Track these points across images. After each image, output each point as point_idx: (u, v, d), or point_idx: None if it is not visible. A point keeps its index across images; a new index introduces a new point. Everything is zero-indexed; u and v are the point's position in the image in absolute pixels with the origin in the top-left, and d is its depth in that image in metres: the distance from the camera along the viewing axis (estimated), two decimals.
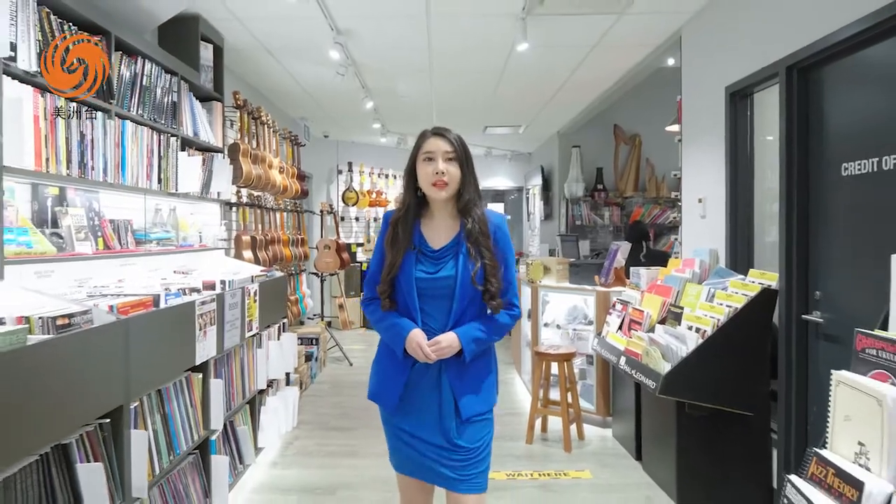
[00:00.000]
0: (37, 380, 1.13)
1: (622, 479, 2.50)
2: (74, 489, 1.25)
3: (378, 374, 1.40)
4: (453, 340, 1.29)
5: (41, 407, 1.14)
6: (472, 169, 1.36)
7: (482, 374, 1.36)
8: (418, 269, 1.32)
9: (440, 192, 1.32)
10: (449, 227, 1.37)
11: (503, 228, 1.38)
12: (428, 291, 1.32)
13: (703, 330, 2.21)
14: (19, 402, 1.08)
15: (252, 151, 3.27)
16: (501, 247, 1.35)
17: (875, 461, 1.05)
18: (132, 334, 1.46)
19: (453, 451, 1.31)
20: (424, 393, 1.34)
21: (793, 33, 2.02)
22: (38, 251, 1.62)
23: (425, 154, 1.33)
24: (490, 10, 2.74)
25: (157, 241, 2.33)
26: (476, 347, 1.32)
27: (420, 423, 1.34)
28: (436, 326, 1.32)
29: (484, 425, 1.37)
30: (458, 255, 1.32)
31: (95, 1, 1.87)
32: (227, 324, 2.09)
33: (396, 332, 1.32)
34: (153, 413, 1.62)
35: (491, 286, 1.29)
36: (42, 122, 1.57)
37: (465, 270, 1.30)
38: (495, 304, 1.31)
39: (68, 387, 1.23)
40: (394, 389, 1.34)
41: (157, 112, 2.24)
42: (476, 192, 1.37)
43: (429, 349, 1.28)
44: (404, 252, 1.32)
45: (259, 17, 2.83)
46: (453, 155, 1.33)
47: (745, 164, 2.48)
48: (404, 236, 1.33)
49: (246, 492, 2.32)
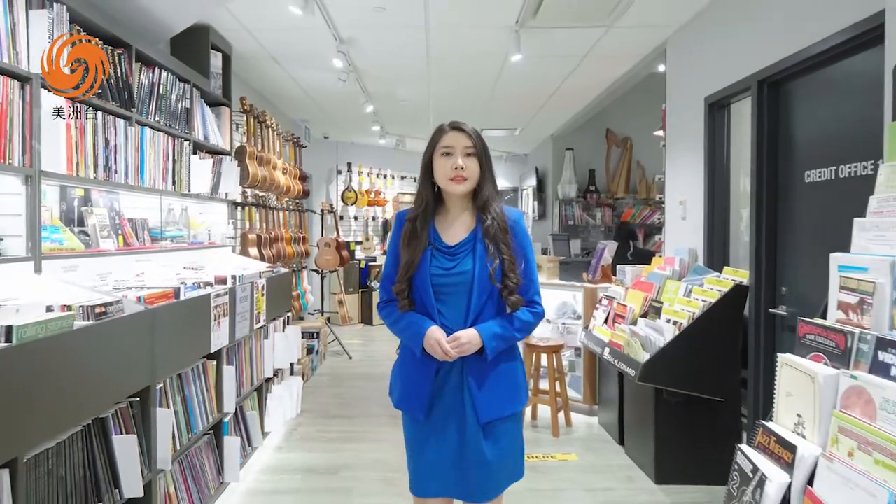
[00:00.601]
0: (81, 360, 1.29)
1: (605, 462, 2.67)
2: (111, 458, 1.41)
3: (403, 381, 1.33)
4: (473, 336, 1.24)
5: (84, 384, 1.30)
6: (490, 164, 1.32)
7: (507, 375, 1.30)
8: (434, 265, 1.28)
9: (459, 186, 1.27)
10: (465, 222, 1.32)
11: (521, 223, 1.34)
12: (444, 288, 1.28)
13: (679, 323, 2.39)
14: (67, 378, 1.24)
15: (258, 154, 3.43)
16: (520, 242, 1.31)
17: (809, 430, 1.23)
18: (157, 323, 1.61)
19: (479, 465, 1.26)
20: (448, 398, 1.28)
21: (764, 50, 2.20)
22: (68, 247, 1.78)
23: (443, 148, 1.29)
24: (485, 22, 2.91)
25: (171, 238, 2.48)
26: (497, 344, 1.26)
27: (444, 433, 1.27)
28: (454, 325, 1.27)
29: (509, 430, 1.30)
30: (474, 249, 1.28)
31: (117, 15, 2.02)
32: (238, 315, 2.25)
33: (414, 331, 1.27)
34: (174, 395, 1.78)
35: (510, 281, 1.25)
36: (73, 130, 1.72)
37: (483, 265, 1.25)
38: (514, 299, 1.26)
39: (105, 367, 1.39)
40: (422, 395, 1.28)
41: (171, 118, 2.39)
42: (494, 187, 1.32)
43: (448, 346, 1.23)
44: (423, 249, 1.28)
45: (266, 28, 2.99)
46: (473, 150, 1.28)
47: (721, 170, 2.66)
48: (423, 233, 1.29)
49: (254, 472, 2.48)
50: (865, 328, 1.18)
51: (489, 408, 1.27)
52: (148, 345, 1.58)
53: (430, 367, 1.28)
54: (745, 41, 2.37)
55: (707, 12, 2.70)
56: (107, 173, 1.91)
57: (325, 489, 2.34)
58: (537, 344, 3.15)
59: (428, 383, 1.28)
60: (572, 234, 5.68)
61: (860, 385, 1.10)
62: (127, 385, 1.50)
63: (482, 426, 1.27)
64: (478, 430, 1.26)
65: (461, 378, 1.28)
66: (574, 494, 2.34)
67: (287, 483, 2.40)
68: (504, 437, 1.30)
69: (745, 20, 2.38)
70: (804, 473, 1.16)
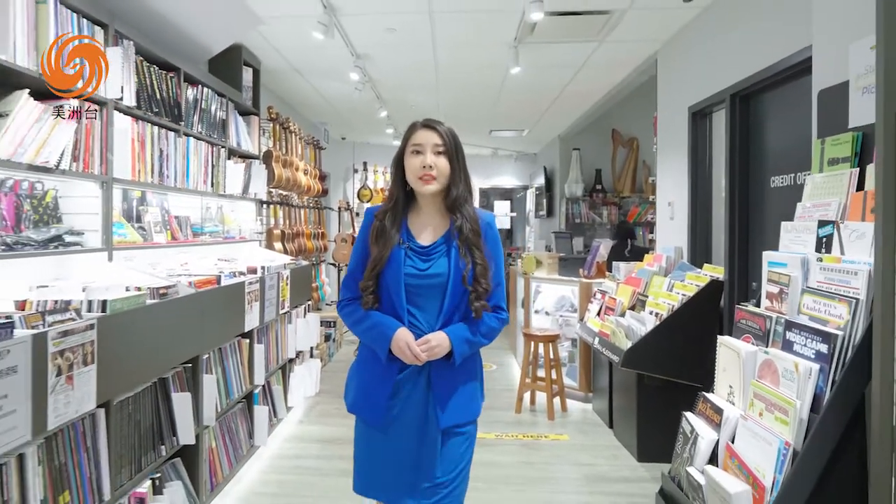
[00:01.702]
0: (151, 329, 1.63)
1: (594, 442, 2.94)
2: (170, 411, 1.76)
3: (359, 383, 1.29)
4: (443, 340, 1.20)
5: (153, 349, 1.65)
6: (462, 164, 1.29)
7: (466, 381, 1.27)
8: (407, 265, 1.24)
9: (427, 186, 1.24)
10: (438, 223, 1.30)
11: (494, 228, 1.32)
12: (417, 289, 1.23)
13: (660, 314, 2.64)
14: (142, 343, 1.58)
15: (282, 157, 3.77)
16: (491, 247, 1.28)
17: (737, 398, 1.49)
18: (205, 303, 1.95)
19: (431, 483, 1.22)
20: (409, 402, 1.23)
21: (736, 66, 2.43)
22: (129, 240, 2.13)
23: (413, 146, 1.26)
24: (486, 40, 3.19)
25: (209, 233, 2.84)
26: (466, 349, 1.23)
27: (400, 439, 1.23)
28: (424, 328, 1.23)
29: (464, 441, 1.26)
30: (449, 251, 1.25)
31: (169, 43, 2.37)
32: (267, 301, 2.59)
33: (380, 332, 1.21)
34: (216, 365, 2.13)
35: (480, 287, 1.23)
36: (136, 144, 2.07)
37: (458, 267, 1.23)
38: (479, 305, 1.23)
39: (167, 337, 1.73)
40: (379, 400, 1.23)
41: (211, 128, 2.74)
42: (467, 188, 1.28)
43: (418, 349, 1.18)
44: (392, 247, 1.24)
45: (292, 47, 3.33)
46: (443, 148, 1.25)
47: (703, 175, 2.89)
48: (392, 231, 1.25)
49: (279, 440, 2.83)
50: (782, 313, 1.43)
51: (451, 413, 1.23)
52: (198, 321, 1.92)
53: (392, 370, 1.23)
54: (722, 57, 2.59)
55: (690, 28, 2.93)
56: (161, 178, 2.26)
57: (340, 457, 2.66)
58: (535, 334, 3.42)
59: (387, 387, 1.23)
60: (578, 232, 5.91)
61: (770, 358, 1.36)
62: (182, 353, 1.84)
63: (441, 431, 1.23)
64: (437, 436, 1.23)
65: (425, 382, 1.24)
66: (561, 468, 2.61)
67: (308, 450, 2.74)
68: (454, 448, 1.25)
69: (722, 37, 2.60)
70: (728, 432, 1.42)
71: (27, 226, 1.69)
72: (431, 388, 1.24)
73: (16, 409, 1.12)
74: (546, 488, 2.35)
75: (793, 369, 1.27)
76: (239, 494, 2.24)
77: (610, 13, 2.80)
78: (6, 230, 1.63)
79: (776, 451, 1.22)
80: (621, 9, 2.75)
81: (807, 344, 1.29)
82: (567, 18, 2.84)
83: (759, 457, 1.26)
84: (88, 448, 1.39)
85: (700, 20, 2.82)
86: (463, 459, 1.27)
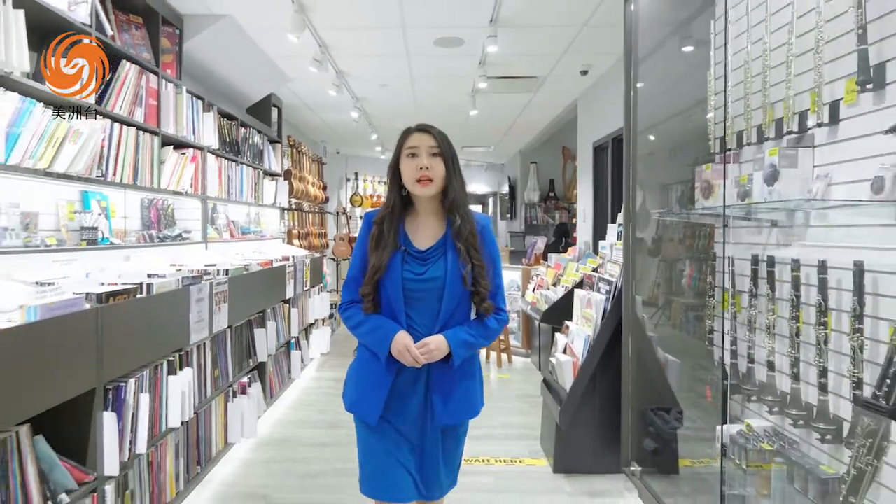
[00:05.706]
0: (248, 288, 2.76)
1: (525, 378, 4.18)
2: (252, 340, 2.90)
3: (358, 383, 1.31)
4: (441, 343, 1.23)
5: (248, 300, 2.78)
6: (457, 167, 1.31)
7: (465, 381, 1.30)
8: (405, 269, 1.26)
9: (424, 188, 1.26)
10: (435, 226, 1.31)
11: (489, 229, 1.34)
12: (415, 294, 1.26)
13: (566, 287, 3.88)
14: (244, 296, 2.72)
15: (298, 174, 4.91)
16: (488, 248, 1.30)
17: (576, 318, 2.71)
18: (267, 277, 3.10)
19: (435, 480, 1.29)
20: (407, 402, 1.27)
21: (616, 118, 3.67)
22: (212, 237, 3.25)
23: (409, 149, 1.28)
24: (452, 92, 4.42)
25: (253, 233, 3.96)
26: (464, 351, 1.26)
27: (401, 437, 1.27)
28: (422, 330, 1.26)
29: (462, 437, 1.33)
30: (445, 254, 1.27)
31: (229, 95, 3.49)
32: (297, 280, 3.73)
33: (381, 335, 1.24)
34: (272, 318, 3.27)
35: (482, 287, 1.26)
36: (217, 171, 3.20)
37: (455, 270, 1.25)
38: (486, 305, 1.26)
39: (255, 293, 2.87)
40: (376, 400, 1.26)
41: (254, 157, 3.87)
42: (462, 190, 1.30)
43: (417, 351, 1.21)
44: (391, 252, 1.26)
45: (308, 94, 4.49)
46: (437, 150, 1.27)
47: (601, 192, 4.14)
48: (390, 236, 1.27)
49: (306, 377, 4.00)
50: (609, 277, 2.66)
51: (449, 414, 1.27)
52: (266, 286, 3.06)
53: (390, 372, 1.26)
54: (610, 109, 3.85)
55: (594, 86, 4.18)
56: (228, 195, 3.38)
57: None
58: None
59: (385, 388, 1.26)
60: (535, 231, 7.16)
61: (588, 295, 2.59)
62: (258, 305, 2.99)
63: (441, 431, 1.29)
64: (436, 436, 1.28)
65: (424, 383, 1.27)
66: (502, 392, 3.83)
67: (326, 385, 3.90)
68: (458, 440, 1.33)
69: (610, 97, 3.86)
70: (571, 337, 2.64)
71: (162, 227, 2.80)
72: (431, 389, 1.27)
73: (203, 319, 2.26)
74: (492, 404, 3.58)
75: (595, 300, 2.50)
76: (287, 403, 3.41)
77: (536, 77, 4.03)
78: (156, 229, 2.74)
79: (584, 340, 2.45)
80: (543, 75, 3.99)
81: (601, 288, 2.52)
82: (507, 80, 4.06)
83: (579, 344, 2.49)
84: (224, 350, 2.53)
85: (600, 82, 4.08)
86: (459, 451, 1.36)
